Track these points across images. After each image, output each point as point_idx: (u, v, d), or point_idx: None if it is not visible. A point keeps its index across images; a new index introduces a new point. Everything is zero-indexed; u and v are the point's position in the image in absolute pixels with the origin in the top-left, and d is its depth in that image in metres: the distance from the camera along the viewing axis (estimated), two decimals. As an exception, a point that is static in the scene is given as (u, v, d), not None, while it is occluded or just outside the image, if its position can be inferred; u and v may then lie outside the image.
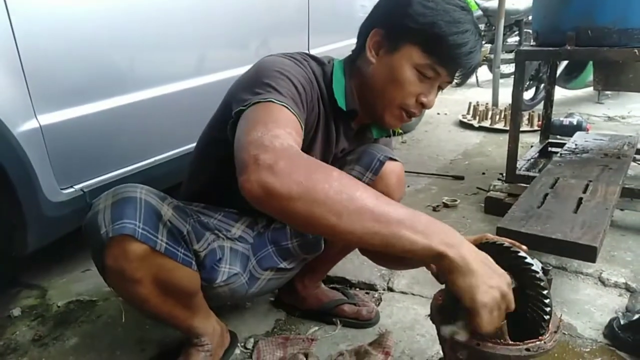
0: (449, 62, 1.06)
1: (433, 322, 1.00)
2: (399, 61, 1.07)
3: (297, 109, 0.95)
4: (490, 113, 4.12)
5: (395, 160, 1.29)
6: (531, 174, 2.32)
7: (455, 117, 4.49)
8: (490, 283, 0.79)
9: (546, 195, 1.68)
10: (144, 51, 1.74)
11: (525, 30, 5.66)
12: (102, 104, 1.59)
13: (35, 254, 1.53)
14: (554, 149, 2.79)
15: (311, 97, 1.07)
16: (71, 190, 1.52)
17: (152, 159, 1.81)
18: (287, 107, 0.92)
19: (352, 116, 1.20)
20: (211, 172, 1.21)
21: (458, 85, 1.13)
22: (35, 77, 1.39)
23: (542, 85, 4.45)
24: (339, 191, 0.74)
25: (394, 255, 0.78)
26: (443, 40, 1.03)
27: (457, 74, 1.10)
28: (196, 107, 1.63)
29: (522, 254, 0.92)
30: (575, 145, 2.39)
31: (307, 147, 1.16)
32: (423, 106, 1.12)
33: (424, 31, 1.03)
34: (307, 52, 1.20)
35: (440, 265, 0.79)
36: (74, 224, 1.54)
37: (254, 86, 0.97)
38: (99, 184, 1.59)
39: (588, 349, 1.32)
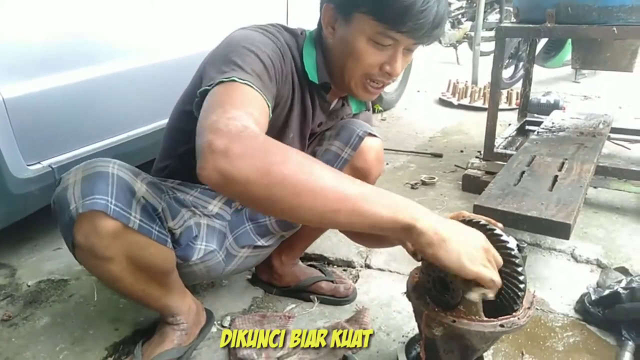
0: (401, 25, 0.97)
1: (409, 299, 1.00)
2: (352, 34, 1.02)
3: (262, 86, 0.92)
4: (469, 91, 4.13)
5: (375, 135, 1.27)
6: (508, 152, 2.34)
7: (434, 95, 4.49)
8: (466, 243, 0.80)
9: (523, 173, 1.70)
10: (115, 20, 1.67)
11: (505, 7, 5.65)
12: (71, 75, 1.52)
13: (3, 232, 1.48)
14: (531, 127, 2.81)
15: (281, 70, 1.03)
16: (39, 166, 1.46)
17: (125, 135, 1.75)
18: (250, 85, 0.89)
19: (325, 89, 1.17)
20: (184, 146, 1.18)
21: (425, 44, 1.04)
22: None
23: (521, 63, 4.48)
24: (296, 171, 0.72)
25: (361, 231, 0.78)
26: (389, 4, 0.96)
27: (419, 34, 1.00)
28: (169, 81, 1.58)
29: (497, 231, 0.93)
30: (552, 123, 2.41)
31: (284, 122, 1.14)
32: (389, 75, 1.07)
33: None
34: (280, 23, 1.15)
35: (413, 240, 0.78)
36: (43, 201, 1.49)
37: (220, 63, 0.94)
38: (68, 160, 1.53)
39: (559, 324, 1.35)
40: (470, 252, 0.79)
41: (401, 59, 1.05)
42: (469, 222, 0.96)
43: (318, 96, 1.19)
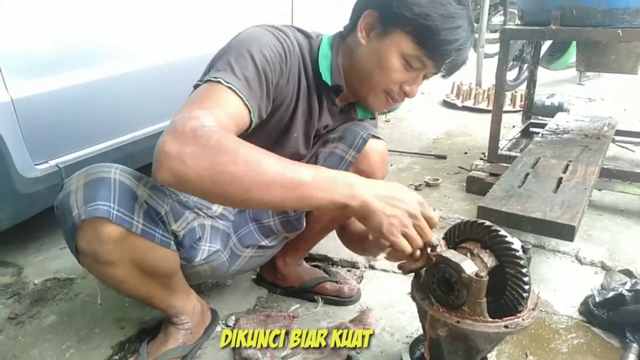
0: (437, 55, 1.05)
1: (413, 300, 1.01)
2: (387, 47, 1.05)
3: (248, 92, 0.94)
4: (473, 93, 4.13)
5: (379, 138, 1.28)
6: (513, 153, 2.34)
7: (439, 97, 4.49)
8: (390, 214, 0.88)
9: (527, 175, 1.70)
10: (123, 21, 1.68)
11: (510, 10, 5.64)
12: (78, 76, 1.53)
13: (9, 231, 1.48)
14: (535, 129, 2.81)
15: (281, 71, 1.04)
16: (46, 165, 1.47)
17: (131, 135, 1.76)
18: (233, 89, 0.91)
19: (336, 92, 1.18)
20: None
21: (443, 77, 1.12)
22: (4, 47, 1.33)
23: (525, 65, 4.47)
24: (246, 169, 0.79)
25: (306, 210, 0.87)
26: (434, 34, 1.01)
27: (446, 67, 1.09)
28: (176, 82, 1.58)
29: (502, 232, 0.93)
30: (557, 125, 2.41)
31: (288, 120, 1.15)
32: (405, 95, 1.12)
33: (416, 21, 1.01)
34: (294, 25, 1.16)
35: (350, 214, 0.89)
36: (50, 200, 1.48)
37: (218, 61, 0.97)
38: (75, 160, 1.54)
39: (564, 325, 1.35)
40: (392, 224, 0.88)
41: (419, 83, 1.12)
42: (474, 223, 0.96)
43: (327, 98, 1.19)
